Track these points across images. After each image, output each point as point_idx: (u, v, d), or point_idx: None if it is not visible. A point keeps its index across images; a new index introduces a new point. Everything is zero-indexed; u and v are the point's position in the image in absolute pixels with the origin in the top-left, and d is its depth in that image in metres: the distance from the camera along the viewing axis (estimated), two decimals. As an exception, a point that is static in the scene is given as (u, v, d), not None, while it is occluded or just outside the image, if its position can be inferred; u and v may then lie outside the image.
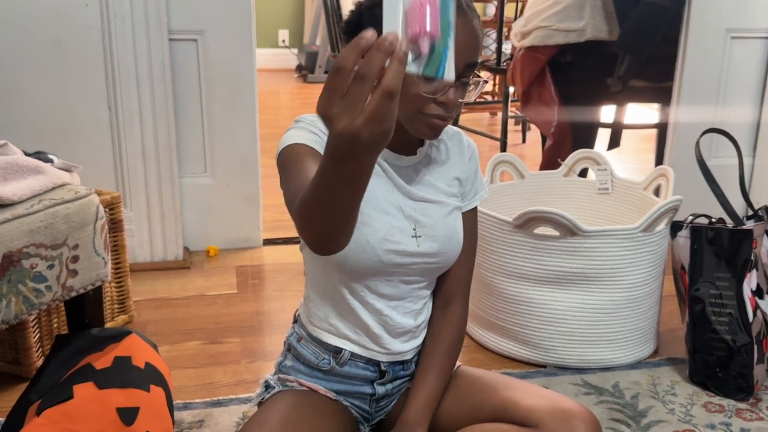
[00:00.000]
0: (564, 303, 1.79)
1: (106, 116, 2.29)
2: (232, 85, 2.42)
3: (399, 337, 1.35)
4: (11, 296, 1.35)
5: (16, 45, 2.17)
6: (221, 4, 2.33)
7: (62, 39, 2.20)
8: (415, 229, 1.29)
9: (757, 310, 1.70)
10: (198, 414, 1.63)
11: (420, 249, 1.28)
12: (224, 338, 1.98)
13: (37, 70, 2.20)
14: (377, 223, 1.25)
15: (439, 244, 1.30)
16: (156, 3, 2.22)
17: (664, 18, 2.68)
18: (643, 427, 1.61)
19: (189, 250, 2.52)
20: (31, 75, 2.20)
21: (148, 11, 2.22)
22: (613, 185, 2.12)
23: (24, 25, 2.16)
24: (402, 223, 1.27)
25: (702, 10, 2.60)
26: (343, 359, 1.35)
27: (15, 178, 1.41)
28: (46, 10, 2.17)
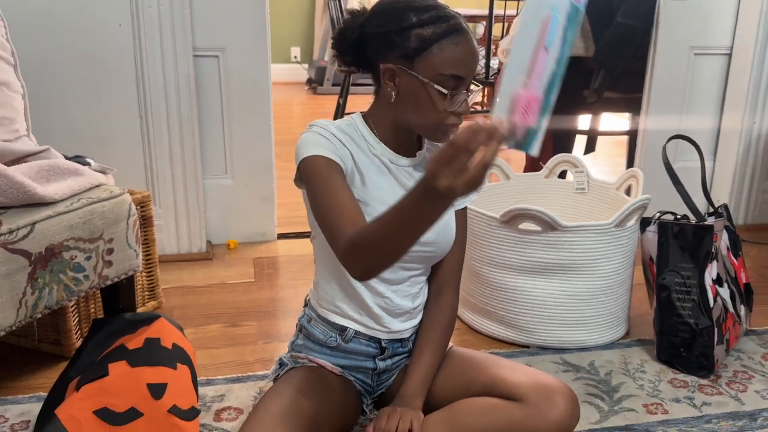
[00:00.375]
0: (545, 290, 1.80)
1: (137, 124, 2.29)
2: (250, 97, 2.42)
3: (398, 318, 1.36)
4: (53, 284, 1.35)
5: (58, 59, 2.17)
6: (240, 23, 2.33)
7: (99, 55, 2.20)
8: None
9: (717, 296, 1.70)
10: (219, 389, 1.63)
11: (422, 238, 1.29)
12: (243, 322, 1.99)
13: (77, 82, 2.20)
14: None
15: (435, 236, 1.29)
16: (182, 23, 2.23)
17: (634, 37, 2.68)
18: (616, 400, 1.62)
19: (211, 244, 2.52)
20: (71, 87, 2.20)
21: (175, 30, 2.22)
22: (589, 186, 2.12)
23: (65, 42, 2.16)
24: None
25: (668, 29, 2.61)
26: (348, 336, 1.36)
27: (56, 179, 1.41)
28: (85, 29, 2.17)
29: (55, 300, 1.37)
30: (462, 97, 1.19)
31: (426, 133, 1.27)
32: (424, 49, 1.17)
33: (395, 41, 1.18)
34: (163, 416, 1.32)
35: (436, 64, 1.17)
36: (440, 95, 1.17)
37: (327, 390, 1.33)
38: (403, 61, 1.18)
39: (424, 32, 1.17)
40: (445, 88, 1.17)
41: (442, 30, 1.17)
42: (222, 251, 2.51)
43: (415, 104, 1.20)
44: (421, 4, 1.20)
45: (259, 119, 2.45)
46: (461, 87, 1.19)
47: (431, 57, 1.17)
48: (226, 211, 2.52)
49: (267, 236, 2.60)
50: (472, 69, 1.21)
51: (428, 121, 1.21)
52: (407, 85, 1.20)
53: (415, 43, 1.17)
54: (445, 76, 1.17)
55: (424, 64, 1.17)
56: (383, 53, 1.21)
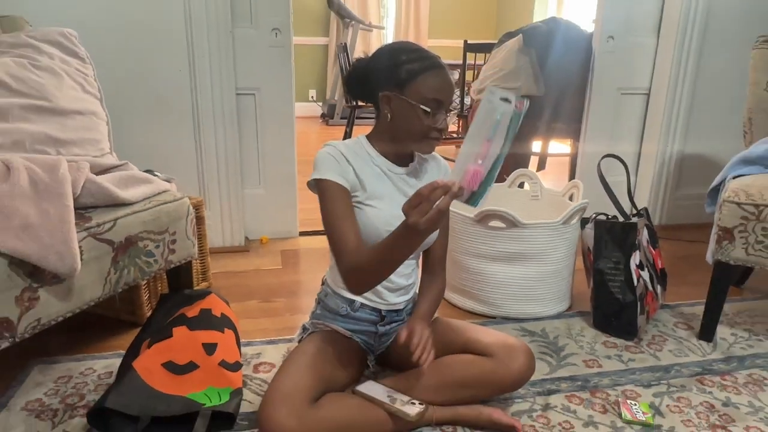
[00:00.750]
0: (508, 274, 1.81)
1: (192, 146, 2.30)
2: (278, 127, 2.42)
3: (395, 293, 1.38)
4: (130, 266, 1.36)
5: (132, 95, 2.18)
6: (271, 70, 2.34)
7: (164, 92, 2.21)
8: None
9: (640, 278, 1.71)
10: (256, 349, 1.64)
11: None
12: (273, 298, 1.99)
13: (147, 113, 2.21)
14: (381, 212, 1.27)
15: None
16: (227, 69, 2.24)
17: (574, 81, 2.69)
18: (562, 357, 1.63)
19: (248, 239, 2.53)
20: (143, 116, 2.21)
21: (222, 75, 2.24)
22: (542, 193, 2.14)
23: (138, 82, 2.18)
24: (399, 212, 1.28)
25: (601, 75, 2.63)
26: (355, 307, 1.37)
27: (133, 186, 1.42)
28: (154, 73, 2.19)
29: (132, 278, 1.37)
30: (441, 115, 1.23)
31: (414, 145, 1.29)
32: (411, 79, 1.20)
33: (390, 74, 1.22)
34: (215, 368, 1.34)
35: (422, 90, 1.20)
36: (425, 113, 1.20)
37: (339, 349, 1.34)
38: (396, 89, 1.22)
39: (412, 66, 1.21)
40: (429, 108, 1.20)
41: (426, 65, 1.21)
42: (256, 245, 2.51)
43: (406, 122, 1.23)
44: (409, 47, 1.25)
45: (285, 144, 2.46)
46: (441, 108, 1.22)
47: (417, 85, 1.20)
48: (259, 214, 2.52)
49: (291, 233, 2.60)
50: (449, 95, 1.24)
51: (416, 135, 1.24)
52: (399, 107, 1.23)
53: (405, 75, 1.21)
54: (428, 99, 1.20)
55: (412, 90, 1.20)
56: (381, 84, 1.24)
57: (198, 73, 2.21)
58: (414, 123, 1.22)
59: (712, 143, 2.73)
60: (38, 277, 1.15)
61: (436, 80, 1.21)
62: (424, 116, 1.21)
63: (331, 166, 1.24)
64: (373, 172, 1.29)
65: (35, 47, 1.51)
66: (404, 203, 1.03)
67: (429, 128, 1.22)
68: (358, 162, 1.28)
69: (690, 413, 1.40)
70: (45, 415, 1.34)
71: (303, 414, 1.14)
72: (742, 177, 1.70)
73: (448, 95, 1.23)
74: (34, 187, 1.20)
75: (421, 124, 1.21)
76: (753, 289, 2.13)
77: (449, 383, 1.29)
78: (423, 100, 1.20)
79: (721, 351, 1.68)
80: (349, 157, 1.27)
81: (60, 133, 1.42)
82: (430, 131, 1.23)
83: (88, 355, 1.59)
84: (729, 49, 2.60)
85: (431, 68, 1.21)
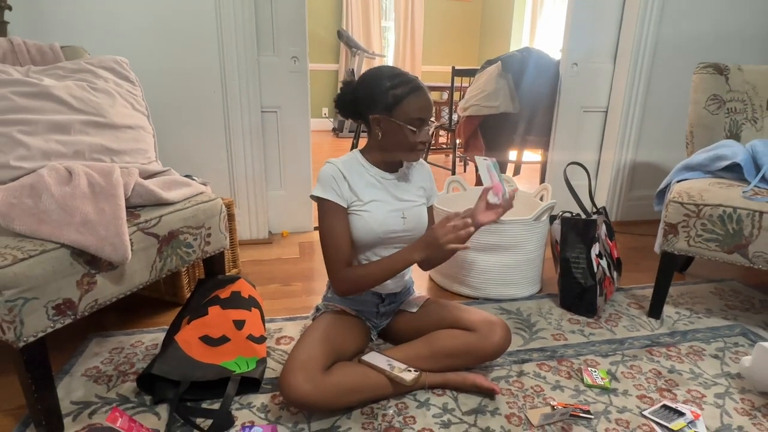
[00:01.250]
0: (490, 262, 1.80)
1: (225, 156, 2.29)
2: (296, 139, 2.41)
3: (392, 280, 1.37)
4: (173, 255, 1.36)
5: (174, 112, 2.17)
6: (291, 91, 2.33)
7: (201, 110, 2.20)
8: (404, 216, 1.30)
9: (599, 266, 1.71)
10: (278, 325, 1.64)
11: (405, 226, 1.30)
12: (292, 282, 1.99)
13: (186, 128, 2.21)
14: (375, 214, 1.26)
15: (415, 224, 1.31)
16: (254, 90, 2.23)
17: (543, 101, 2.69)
18: (534, 332, 1.63)
19: (271, 233, 2.52)
20: (183, 130, 2.20)
21: (249, 95, 2.23)
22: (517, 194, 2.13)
23: (179, 100, 2.16)
24: (394, 213, 1.29)
25: (567, 95, 2.62)
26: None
27: (175, 188, 1.42)
28: (192, 93, 2.17)
29: (174, 266, 1.37)
30: (425, 130, 1.23)
31: (404, 156, 1.28)
32: (398, 103, 1.19)
33: (378, 100, 1.21)
34: (243, 340, 1.34)
35: (407, 111, 1.19)
36: (411, 132, 1.21)
37: (347, 325, 1.34)
38: (385, 112, 1.21)
39: (396, 92, 1.19)
40: (414, 127, 1.20)
41: (408, 89, 1.20)
42: (278, 238, 2.50)
43: (396, 139, 1.23)
44: (391, 72, 1.22)
45: (301, 153, 2.44)
46: (424, 124, 1.22)
47: (403, 107, 1.19)
48: (280, 212, 2.51)
49: (307, 228, 2.59)
50: (430, 112, 1.23)
51: (405, 149, 1.24)
52: (389, 128, 1.22)
53: (391, 99, 1.19)
54: (413, 119, 1.20)
55: (399, 112, 1.20)
56: (371, 108, 1.23)
57: (229, 94, 2.20)
58: (402, 139, 1.22)
59: (660, 152, 2.73)
60: (95, 264, 1.15)
61: (418, 101, 1.20)
62: (410, 134, 1.21)
63: (330, 186, 1.23)
64: (367, 181, 1.28)
65: (93, 72, 1.51)
66: (436, 225, 1.17)
67: (415, 142, 1.22)
68: (353, 176, 1.27)
69: (641, 378, 1.40)
70: (101, 380, 1.34)
71: (317, 380, 1.14)
72: (685, 181, 1.69)
73: (429, 112, 1.23)
74: (92, 190, 1.20)
75: (408, 141, 1.22)
76: (694, 275, 2.12)
77: (439, 353, 1.29)
78: (409, 120, 1.20)
79: (667, 327, 1.68)
80: (345, 173, 1.26)
81: (114, 144, 1.42)
82: (417, 145, 1.23)
83: (137, 330, 1.59)
84: (674, 73, 2.59)
85: (413, 91, 1.20)
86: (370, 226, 1.25)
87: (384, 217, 1.27)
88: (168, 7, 2.05)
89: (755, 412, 1.28)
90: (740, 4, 2.56)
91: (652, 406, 1.29)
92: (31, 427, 1.18)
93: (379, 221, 1.26)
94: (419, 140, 1.22)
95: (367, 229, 1.26)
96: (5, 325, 1.03)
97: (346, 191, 1.25)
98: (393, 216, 1.29)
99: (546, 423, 1.22)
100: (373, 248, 1.30)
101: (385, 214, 1.27)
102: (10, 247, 1.05)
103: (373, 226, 1.25)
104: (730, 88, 1.93)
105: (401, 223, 1.29)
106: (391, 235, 1.29)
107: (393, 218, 1.28)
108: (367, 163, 1.30)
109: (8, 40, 1.53)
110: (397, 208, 1.29)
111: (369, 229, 1.26)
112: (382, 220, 1.26)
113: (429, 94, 1.24)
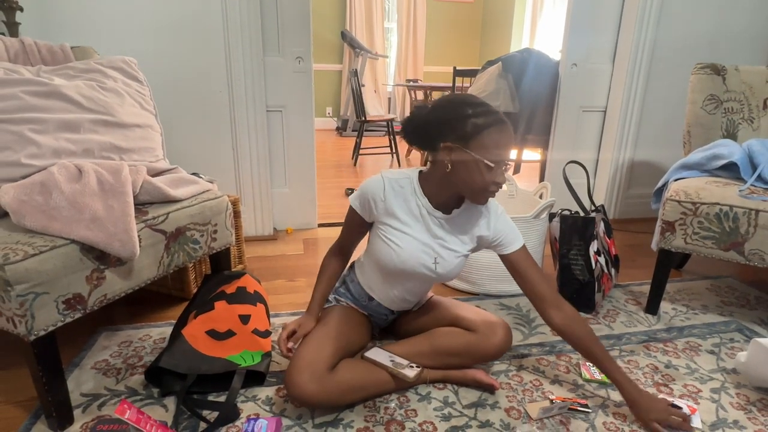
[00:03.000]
0: (491, 259, 1.80)
1: (231, 154, 2.29)
2: (301, 138, 2.41)
3: (408, 302, 1.36)
4: (180, 252, 1.36)
5: (182, 112, 2.17)
6: (295, 91, 2.32)
7: (207, 109, 2.20)
8: (436, 260, 1.21)
9: (597, 262, 1.71)
10: (282, 319, 1.64)
11: (437, 270, 1.22)
12: (296, 278, 1.99)
13: (193, 126, 2.20)
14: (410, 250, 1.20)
15: (446, 271, 1.23)
16: (259, 89, 2.22)
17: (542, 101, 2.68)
18: (533, 327, 1.62)
19: (276, 229, 2.52)
20: (190, 128, 2.20)
21: (255, 95, 2.22)
22: (517, 193, 2.13)
23: (185, 100, 2.16)
24: (428, 252, 1.20)
25: (566, 95, 2.61)
26: (373, 302, 1.35)
27: (182, 186, 1.41)
28: (199, 93, 2.17)
29: (181, 261, 1.37)
30: (501, 170, 1.08)
31: (472, 195, 1.12)
32: (477, 133, 1.04)
33: (455, 127, 1.06)
34: (249, 335, 1.33)
35: (486, 145, 1.04)
36: (487, 168, 1.06)
37: (354, 320, 1.33)
38: (460, 141, 1.06)
39: (478, 121, 1.05)
40: (492, 162, 1.05)
41: (491, 120, 1.05)
42: (283, 234, 2.50)
43: (467, 173, 1.08)
44: (473, 101, 1.08)
45: (306, 152, 2.44)
46: (502, 163, 1.08)
47: (482, 139, 1.04)
48: (285, 209, 2.51)
49: (311, 225, 2.59)
50: (510, 151, 1.09)
51: (476, 187, 1.09)
52: (461, 159, 1.07)
53: (470, 128, 1.05)
54: (492, 154, 1.05)
55: (477, 144, 1.05)
56: (444, 135, 1.08)
57: (235, 94, 2.20)
58: (475, 177, 1.07)
59: (657, 152, 2.71)
60: (104, 260, 1.15)
61: (501, 136, 1.05)
62: (486, 171, 1.05)
63: (364, 200, 1.20)
64: (411, 209, 1.19)
65: (102, 72, 1.51)
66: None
67: (489, 182, 1.07)
68: (398, 198, 1.18)
69: (638, 373, 1.40)
70: (110, 373, 1.35)
71: (322, 379, 1.14)
72: (682, 180, 1.68)
73: (510, 150, 1.08)
74: (101, 187, 1.20)
75: (482, 178, 1.06)
76: (690, 272, 2.11)
77: (440, 352, 1.28)
78: (487, 155, 1.04)
79: (663, 322, 1.67)
80: (388, 196, 1.17)
81: (123, 142, 1.41)
82: (490, 185, 1.08)
83: (145, 324, 1.59)
84: (671, 74, 2.58)
85: (496, 123, 1.05)
86: (392, 261, 1.19)
87: (419, 254, 1.19)
88: (176, 9, 2.05)
89: (750, 406, 1.28)
90: (737, 6, 2.54)
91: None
92: (42, 418, 1.18)
93: (413, 257, 1.19)
94: (494, 180, 1.07)
95: (389, 260, 1.20)
96: (17, 319, 1.03)
97: (380, 210, 1.18)
98: (425, 256, 1.19)
99: (544, 416, 1.21)
100: (394, 276, 1.25)
101: (411, 252, 1.19)
102: (21, 243, 1.05)
103: (396, 262, 1.19)
104: (727, 89, 1.92)
105: (432, 266, 1.21)
106: (419, 272, 1.22)
107: (424, 258, 1.19)
108: (420, 191, 1.18)
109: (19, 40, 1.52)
110: (431, 247, 1.20)
111: (392, 261, 1.20)
112: (415, 257, 1.19)
113: (512, 131, 1.09)
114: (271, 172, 2.40)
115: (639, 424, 1.17)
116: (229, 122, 2.24)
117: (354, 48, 5.86)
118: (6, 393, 1.27)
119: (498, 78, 2.66)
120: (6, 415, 1.20)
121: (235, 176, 2.33)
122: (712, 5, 2.52)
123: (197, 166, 2.20)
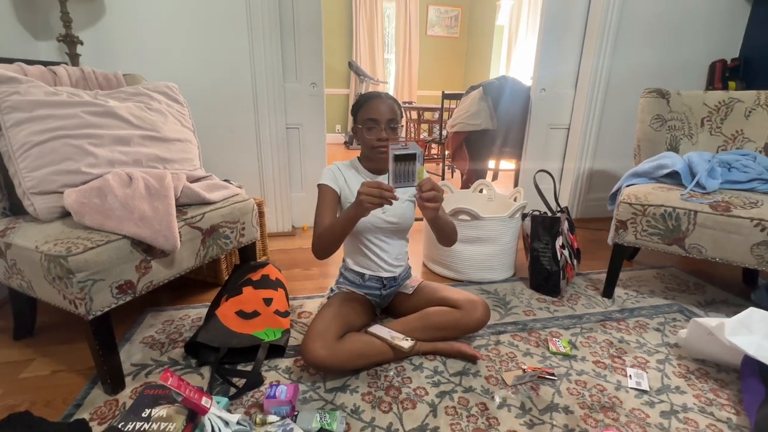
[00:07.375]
0: (472, 251, 1.80)
1: (256, 164, 2.28)
2: (315, 151, 2.40)
3: (385, 265, 1.36)
4: (213, 245, 1.36)
5: (215, 129, 2.16)
6: (310, 111, 2.31)
7: (236, 126, 2.20)
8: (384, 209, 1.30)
9: (562, 254, 1.70)
10: (300, 302, 1.64)
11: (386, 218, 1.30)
12: (311, 267, 1.98)
13: (225, 141, 2.20)
14: None
15: (398, 218, 1.30)
16: (280, 110, 2.22)
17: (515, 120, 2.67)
18: (508, 309, 1.62)
19: (294, 227, 2.51)
20: (222, 143, 2.19)
21: (276, 114, 2.22)
22: (495, 196, 2.12)
23: (219, 121, 2.16)
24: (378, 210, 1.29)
25: (536, 114, 2.60)
26: (365, 279, 1.36)
27: (215, 190, 1.41)
28: (229, 111, 2.16)
29: (214, 254, 1.37)
30: (379, 129, 1.20)
31: (371, 155, 1.25)
32: (358, 110, 1.22)
33: (353, 113, 1.25)
34: (271, 315, 1.33)
35: (362, 116, 1.21)
36: (368, 130, 1.21)
37: (355, 303, 1.34)
38: (355, 121, 1.24)
39: (358, 101, 1.23)
40: (367, 127, 1.20)
41: (363, 99, 1.22)
42: (300, 231, 2.49)
43: (361, 140, 1.24)
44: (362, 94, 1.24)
45: (319, 162, 2.43)
46: (377, 125, 1.20)
47: (361, 113, 1.22)
48: (301, 209, 2.50)
49: (324, 223, 2.59)
50: (382, 114, 1.19)
51: (367, 147, 1.23)
52: (358, 132, 1.24)
53: (354, 109, 1.24)
54: (366, 120, 1.20)
55: (359, 118, 1.22)
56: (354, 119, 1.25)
57: (260, 113, 2.19)
58: (364, 139, 1.23)
59: (612, 162, 2.71)
60: (151, 252, 1.16)
61: (369, 105, 1.19)
62: (367, 132, 1.20)
63: (328, 177, 1.27)
64: (359, 180, 1.30)
65: (149, 95, 1.51)
66: (360, 193, 1.03)
67: (373, 140, 1.20)
68: (349, 175, 1.30)
69: (596, 347, 1.40)
70: (155, 347, 1.35)
71: (331, 346, 1.15)
72: (633, 185, 1.68)
73: (381, 114, 1.19)
74: (148, 191, 1.20)
75: (366, 140, 1.22)
76: (640, 263, 2.11)
77: (430, 327, 1.29)
78: (363, 122, 1.20)
79: (617, 305, 1.67)
80: (343, 171, 1.30)
81: (166, 154, 1.42)
82: (374, 142, 1.21)
83: (185, 306, 1.60)
84: (624, 97, 2.57)
85: (369, 99, 1.20)
86: None
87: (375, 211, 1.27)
88: (211, 43, 2.05)
89: (690, 375, 1.28)
90: (680, 40, 2.54)
91: (605, 369, 1.29)
92: (99, 384, 1.18)
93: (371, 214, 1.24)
94: (376, 137, 1.20)
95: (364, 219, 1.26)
96: (78, 302, 1.03)
97: (342, 182, 1.28)
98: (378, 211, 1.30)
99: (518, 383, 1.21)
100: (362, 234, 1.31)
101: None
102: (81, 238, 1.06)
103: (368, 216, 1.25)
104: (671, 110, 1.92)
105: (381, 215, 1.30)
106: (375, 225, 1.29)
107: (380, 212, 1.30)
108: (360, 167, 1.32)
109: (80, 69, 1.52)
110: None
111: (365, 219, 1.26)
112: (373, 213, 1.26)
113: (384, 102, 1.19)
114: (290, 178, 2.40)
115: None
116: (254, 137, 2.24)
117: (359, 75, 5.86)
118: (69, 363, 1.27)
119: (479, 100, 2.66)
120: (69, 381, 1.20)
121: (259, 182, 2.33)
122: (659, 39, 2.51)
123: (228, 173, 2.19)
